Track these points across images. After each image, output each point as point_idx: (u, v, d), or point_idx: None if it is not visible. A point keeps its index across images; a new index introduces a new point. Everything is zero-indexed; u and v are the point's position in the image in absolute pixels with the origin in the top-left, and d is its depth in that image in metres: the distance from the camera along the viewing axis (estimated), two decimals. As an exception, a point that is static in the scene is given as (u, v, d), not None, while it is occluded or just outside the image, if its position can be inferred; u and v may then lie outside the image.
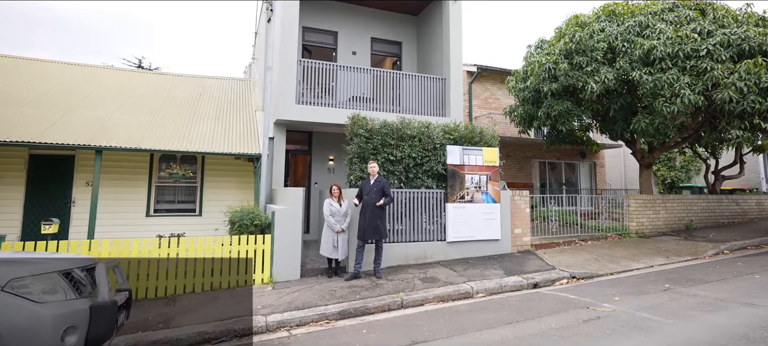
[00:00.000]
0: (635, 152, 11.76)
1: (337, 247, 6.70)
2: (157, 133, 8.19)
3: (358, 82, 9.73)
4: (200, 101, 10.43)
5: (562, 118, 10.54)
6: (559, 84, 10.18)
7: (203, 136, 8.52)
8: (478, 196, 8.15)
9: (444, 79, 10.54)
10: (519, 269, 7.17)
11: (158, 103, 9.66)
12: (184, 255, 6.11)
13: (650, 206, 10.48)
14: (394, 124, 7.77)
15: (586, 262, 7.83)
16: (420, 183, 7.91)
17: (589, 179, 17.78)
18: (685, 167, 18.10)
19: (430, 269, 7.12)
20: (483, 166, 8.26)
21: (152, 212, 8.71)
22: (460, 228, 7.94)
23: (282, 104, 8.70)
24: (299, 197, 6.83)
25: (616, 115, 10.50)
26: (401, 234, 7.60)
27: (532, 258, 8.00)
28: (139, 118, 8.62)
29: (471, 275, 6.75)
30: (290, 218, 6.68)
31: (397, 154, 7.65)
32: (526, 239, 8.69)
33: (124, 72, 11.45)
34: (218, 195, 9.09)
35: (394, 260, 7.40)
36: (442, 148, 8.07)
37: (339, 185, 6.94)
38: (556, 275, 6.93)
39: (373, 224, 6.58)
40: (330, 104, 9.36)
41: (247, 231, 6.67)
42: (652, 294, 5.65)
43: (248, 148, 8.39)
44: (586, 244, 9.41)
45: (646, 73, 8.97)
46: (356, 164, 7.54)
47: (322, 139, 10.98)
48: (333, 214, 6.74)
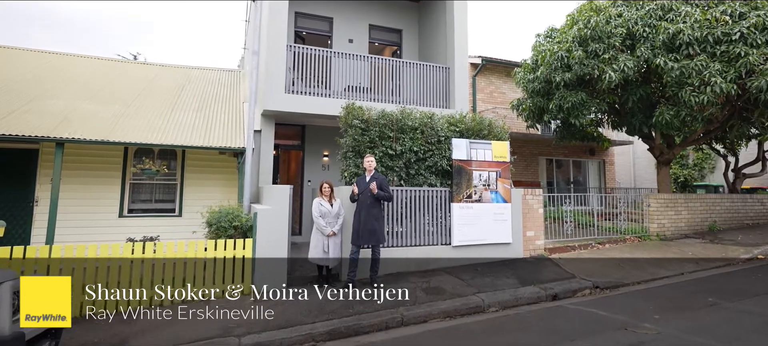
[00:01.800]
0: (653, 148, 10.92)
1: (328, 252, 5.88)
2: (130, 125, 7.36)
3: (355, 70, 8.90)
4: (183, 92, 9.60)
5: (576, 111, 9.70)
6: (572, 73, 9.35)
7: (182, 129, 7.69)
8: (486, 195, 7.32)
9: (448, 67, 9.71)
10: (534, 278, 6.34)
11: (135, 93, 8.82)
12: (151, 262, 5.29)
13: (672, 206, 9.65)
14: (393, 115, 6.94)
15: (608, 268, 7.01)
16: (422, 180, 7.09)
17: (598, 178, 16.99)
18: (698, 165, 17.26)
19: (433, 278, 6.30)
20: (492, 161, 7.43)
21: (126, 213, 7.88)
22: (467, 231, 7.12)
23: (269, 93, 7.87)
24: (285, 195, 6.01)
25: (635, 107, 9.67)
26: (401, 237, 6.78)
27: (548, 264, 7.17)
28: (110, 109, 7.79)
29: (481, 285, 5.93)
30: (275, 219, 5.86)
31: (396, 148, 6.83)
32: (540, 242, 7.86)
33: (103, 61, 10.62)
34: (201, 194, 8.26)
35: (393, 266, 6.57)
36: (446, 142, 7.24)
37: (330, 182, 6.12)
38: (576, 284, 6.11)
39: (369, 227, 5.75)
40: (324, 95, 8.54)
41: (226, 234, 5.85)
42: (697, 310, 4.83)
43: (232, 142, 7.56)
44: (603, 247, 8.59)
45: (671, 60, 8.13)
46: (351, 159, 6.71)
47: (315, 133, 10.15)
48: (323, 215, 5.92)
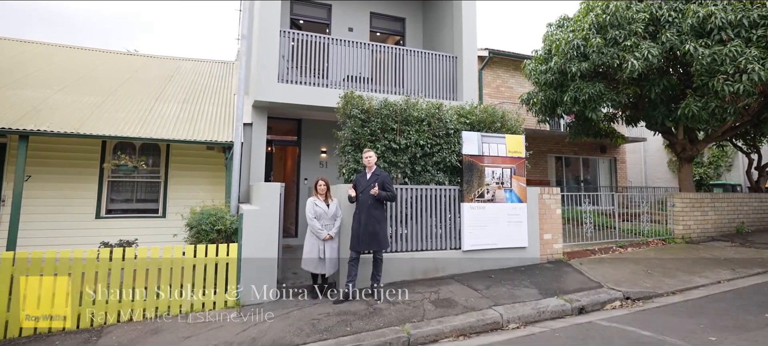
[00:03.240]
0: (674, 144, 10.20)
1: (324, 259, 5.18)
2: (107, 117, 6.68)
3: (355, 59, 8.19)
4: (170, 83, 8.91)
5: (593, 103, 8.99)
6: (590, 63, 8.64)
7: (165, 122, 7.01)
8: (500, 193, 6.62)
9: (455, 57, 9.00)
10: (557, 287, 5.63)
11: (116, 83, 8.14)
12: (119, 271, 4.61)
13: (698, 206, 8.93)
14: (397, 105, 6.24)
15: (636, 276, 6.29)
16: (429, 178, 6.39)
17: (610, 176, 16.28)
18: (714, 163, 16.49)
19: (443, 287, 5.59)
20: (506, 157, 6.73)
21: (104, 214, 7.19)
22: (479, 233, 6.41)
23: (261, 82, 7.18)
24: (275, 194, 5.32)
25: (657, 98, 8.95)
26: (406, 241, 6.08)
27: (569, 271, 6.47)
28: (86, 99, 7.10)
29: (497, 296, 5.22)
30: (263, 221, 5.17)
31: (401, 142, 6.13)
32: (557, 245, 7.15)
33: (86, 50, 9.93)
34: (186, 193, 7.55)
35: (396, 274, 5.88)
36: (456, 135, 6.54)
37: (326, 179, 5.42)
38: (605, 295, 5.39)
39: (370, 229, 5.06)
40: (321, 85, 7.84)
41: (207, 238, 5.15)
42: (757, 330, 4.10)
43: (219, 136, 6.87)
44: (625, 251, 7.87)
45: (701, 46, 7.42)
46: (350, 153, 6.01)
47: (313, 128, 9.46)
48: (318, 216, 5.22)
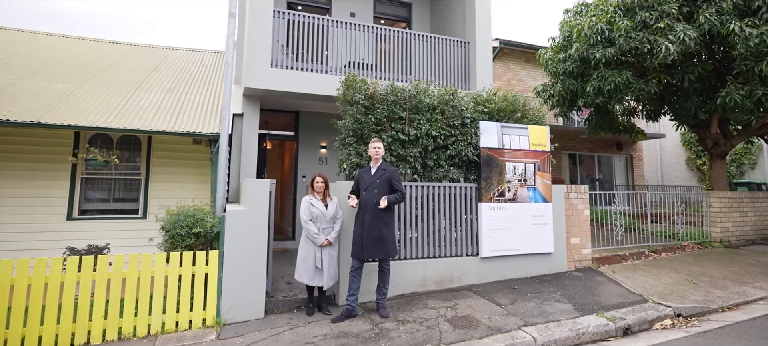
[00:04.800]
0: (706, 139, 9.33)
1: (321, 268, 4.39)
2: (77, 106, 5.92)
3: (358, 43, 7.41)
4: (155, 72, 8.14)
5: (619, 94, 8.15)
6: (616, 49, 7.82)
7: (143, 111, 6.24)
8: (522, 192, 5.82)
9: (467, 42, 8.20)
10: (593, 302, 4.82)
11: (94, 71, 7.38)
12: (88, 282, 3.85)
13: (736, 207, 8.08)
14: (405, 90, 5.44)
15: (680, 286, 5.48)
16: (442, 174, 5.59)
17: (626, 174, 15.48)
18: (737, 161, 15.60)
19: (460, 301, 4.79)
20: (529, 150, 5.93)
21: (77, 215, 6.43)
22: (500, 238, 5.61)
23: (252, 68, 6.40)
24: (263, 192, 4.53)
25: (691, 87, 8.11)
26: (416, 246, 5.29)
27: (602, 280, 5.65)
28: (57, 87, 6.35)
29: (525, 313, 4.42)
30: (249, 224, 4.39)
31: (410, 133, 5.33)
32: (586, 251, 6.34)
33: (65, 38, 9.19)
34: (170, 192, 6.77)
35: (405, 284, 5.09)
36: (473, 125, 5.74)
37: (324, 175, 4.63)
38: (653, 311, 4.57)
39: (375, 234, 4.27)
40: (320, 72, 7.05)
41: (184, 244, 4.37)
42: None
43: (204, 127, 6.09)
44: (659, 257, 7.05)
45: (748, 26, 6.58)
46: (352, 146, 5.22)
47: (311, 121, 8.68)
48: (315, 218, 4.43)
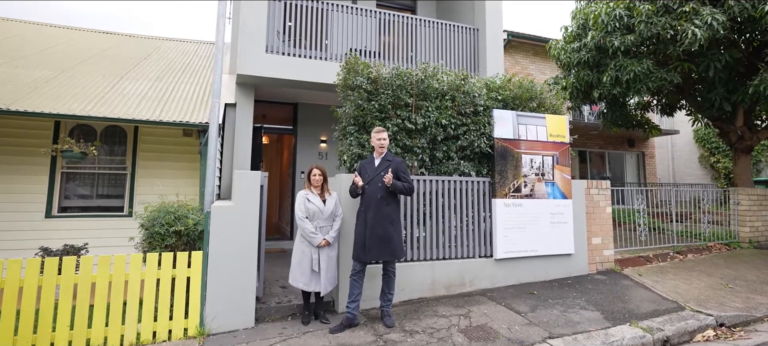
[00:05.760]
0: (729, 132, 8.78)
1: (319, 272, 3.89)
2: (53, 94, 5.45)
3: (360, 29, 6.90)
4: (145, 61, 7.67)
5: (638, 84, 7.63)
6: (636, 36, 7.31)
7: (127, 100, 5.76)
8: (540, 187, 5.30)
9: (477, 29, 7.69)
10: (623, 309, 4.30)
11: (78, 59, 6.91)
12: (53, 287, 3.36)
13: (766, 205, 7.55)
14: (413, 74, 4.93)
15: (716, 292, 4.95)
16: (452, 167, 5.08)
17: (637, 172, 14.98)
18: (753, 158, 15.03)
19: (474, 307, 4.28)
20: (547, 142, 5.41)
21: (57, 212, 5.96)
22: (516, 238, 5.10)
23: (246, 53, 5.91)
24: (254, 184, 4.03)
25: (716, 76, 7.57)
26: (424, 246, 4.78)
27: (629, 284, 5.13)
28: (33, 73, 5.88)
29: (549, 322, 3.90)
30: (238, 221, 3.89)
31: (417, 121, 4.82)
32: (608, 252, 5.82)
33: (50, 27, 8.72)
34: (158, 189, 6.28)
35: (412, 288, 4.58)
36: (486, 113, 5.23)
37: (322, 168, 4.13)
38: (693, 320, 4.05)
39: (379, 233, 3.76)
40: (320, 59, 6.56)
41: (163, 244, 3.88)
42: None
43: (192, 116, 5.61)
44: (686, 258, 6.52)
45: (784, 7, 6.06)
46: (353, 135, 4.72)
47: (311, 113, 8.20)
48: (311, 215, 3.93)
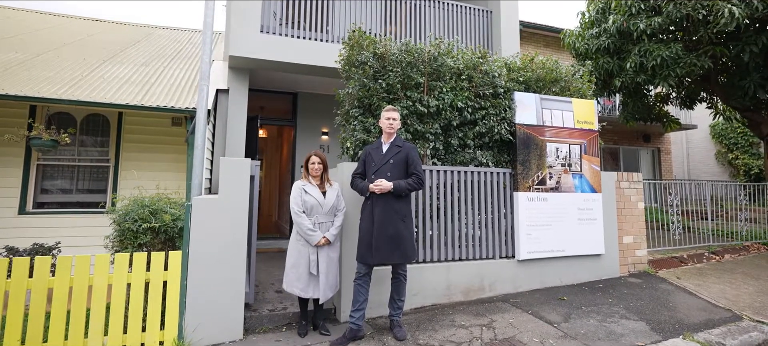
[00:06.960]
0: (761, 123, 8.17)
1: (318, 275, 3.33)
2: (23, 76, 4.92)
3: (363, 10, 6.35)
4: (132, 47, 7.14)
5: (666, 70, 7.03)
6: (664, 18, 6.73)
7: (107, 84, 5.23)
8: (567, 179, 4.72)
9: (490, 11, 7.11)
10: (671, 318, 3.71)
11: (59, 43, 6.38)
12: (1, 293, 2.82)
13: (807, 201, 6.94)
14: (424, 51, 4.36)
15: (763, 296, 4.36)
16: (468, 156, 4.51)
17: (652, 169, 14.35)
18: (771, 154, 14.35)
19: (497, 316, 3.70)
20: (575, 129, 4.83)
21: (31, 208, 5.43)
22: (541, 236, 4.52)
23: (239, 33, 5.35)
24: (243, 174, 3.47)
25: (751, 62, 6.96)
26: (437, 246, 4.20)
27: (669, 289, 4.53)
28: (4, 56, 5.35)
29: (587, 334, 3.32)
30: (223, 216, 3.33)
31: (430, 103, 4.25)
32: (641, 252, 5.23)
33: (33, 13, 8.20)
34: (144, 182, 5.70)
35: (425, 294, 4.01)
36: (506, 96, 4.65)
37: (322, 155, 3.56)
38: (756, 333, 3.46)
39: (389, 232, 3.18)
40: (320, 40, 6.00)
41: (136, 242, 3.33)
42: None
43: (179, 102, 5.06)
44: (723, 259, 5.93)
45: (836, -20, 5.46)
46: (357, 119, 4.15)
47: (311, 103, 7.64)
48: (309, 209, 3.36)
